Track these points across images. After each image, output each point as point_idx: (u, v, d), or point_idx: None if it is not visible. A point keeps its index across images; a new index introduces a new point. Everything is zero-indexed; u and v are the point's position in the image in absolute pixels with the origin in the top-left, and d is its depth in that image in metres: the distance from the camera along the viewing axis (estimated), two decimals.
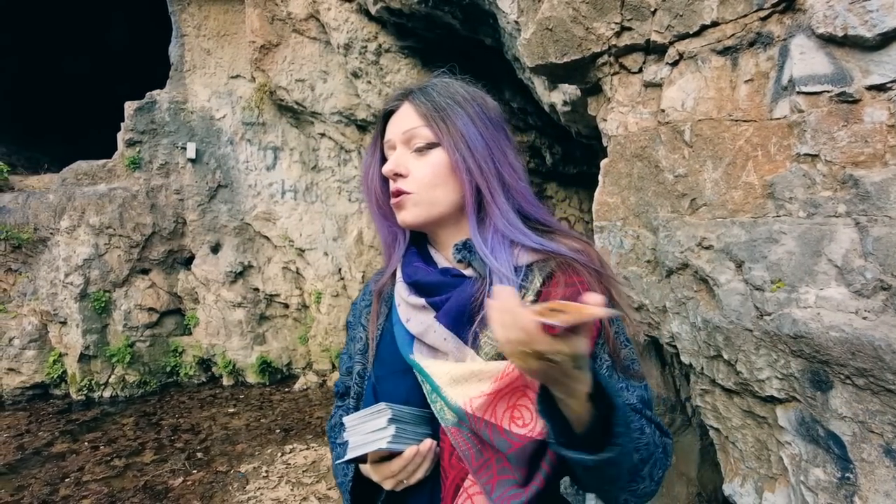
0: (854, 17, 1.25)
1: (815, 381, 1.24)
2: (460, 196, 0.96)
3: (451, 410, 0.86)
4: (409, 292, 0.97)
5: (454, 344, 0.90)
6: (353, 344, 1.11)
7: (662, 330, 1.69)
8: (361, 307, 1.12)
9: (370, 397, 0.99)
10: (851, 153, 1.26)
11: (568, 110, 3.70)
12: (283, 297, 7.01)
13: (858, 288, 1.18)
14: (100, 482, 4.44)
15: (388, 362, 1.00)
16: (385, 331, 1.03)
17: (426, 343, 0.93)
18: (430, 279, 0.97)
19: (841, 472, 1.21)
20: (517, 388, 0.83)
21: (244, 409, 6.02)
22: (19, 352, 6.22)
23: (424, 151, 0.96)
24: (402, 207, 0.97)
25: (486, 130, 0.97)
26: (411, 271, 0.99)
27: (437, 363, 0.90)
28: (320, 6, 5.81)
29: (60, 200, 6.32)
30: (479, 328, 0.89)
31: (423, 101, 0.97)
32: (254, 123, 6.79)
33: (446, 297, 0.93)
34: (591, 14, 1.78)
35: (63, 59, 10.15)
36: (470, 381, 0.85)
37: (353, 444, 0.86)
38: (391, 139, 0.99)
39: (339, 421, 1.15)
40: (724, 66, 1.54)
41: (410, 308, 0.96)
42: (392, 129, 0.99)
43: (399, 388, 0.95)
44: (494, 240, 0.93)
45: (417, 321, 0.94)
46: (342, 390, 1.19)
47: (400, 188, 0.96)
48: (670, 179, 1.62)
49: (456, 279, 0.96)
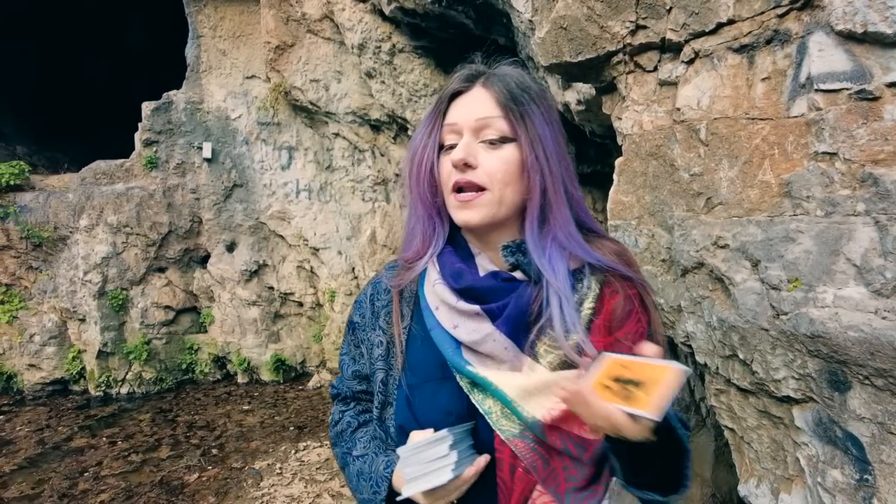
0: (874, 14, 1.23)
1: (833, 381, 1.23)
2: (523, 198, 0.90)
3: (526, 423, 0.83)
4: (456, 298, 0.90)
5: (514, 353, 0.86)
6: (366, 347, 1.03)
7: (677, 329, 1.68)
8: (378, 307, 1.02)
9: (403, 408, 0.93)
10: (871, 151, 1.24)
11: (582, 109, 3.68)
12: (297, 295, 7.07)
13: (878, 287, 1.17)
14: (117, 477, 4.51)
15: (420, 370, 0.93)
16: (413, 335, 0.96)
17: (479, 352, 0.87)
18: (484, 284, 0.90)
19: (859, 474, 1.20)
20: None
21: (258, 406, 6.08)
22: (40, 348, 6.34)
23: (497, 145, 0.88)
24: (472, 205, 0.88)
25: (556, 133, 0.92)
26: (455, 273, 0.92)
27: (503, 375, 0.85)
28: (334, 7, 5.84)
29: (80, 199, 6.42)
30: (537, 336, 0.86)
31: (501, 88, 0.88)
32: (269, 123, 6.85)
33: (503, 303, 0.88)
34: (606, 12, 1.78)
35: (82, 62, 10.31)
36: (543, 393, 0.82)
37: (413, 474, 0.82)
38: (458, 123, 0.90)
39: (348, 427, 1.09)
40: (740, 64, 1.53)
41: (458, 314, 0.89)
42: (460, 112, 0.90)
43: (439, 397, 0.90)
44: (553, 249, 0.88)
45: (469, 328, 0.88)
46: (347, 394, 1.12)
47: (470, 180, 0.88)
48: (685, 178, 1.61)
49: (508, 283, 0.90)
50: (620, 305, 0.89)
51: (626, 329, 0.88)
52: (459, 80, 0.92)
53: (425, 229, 0.96)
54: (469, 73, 0.92)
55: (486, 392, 0.86)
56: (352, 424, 1.09)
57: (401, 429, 0.92)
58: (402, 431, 0.92)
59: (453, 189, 0.90)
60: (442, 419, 0.87)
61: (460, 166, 0.87)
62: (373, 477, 0.95)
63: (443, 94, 0.93)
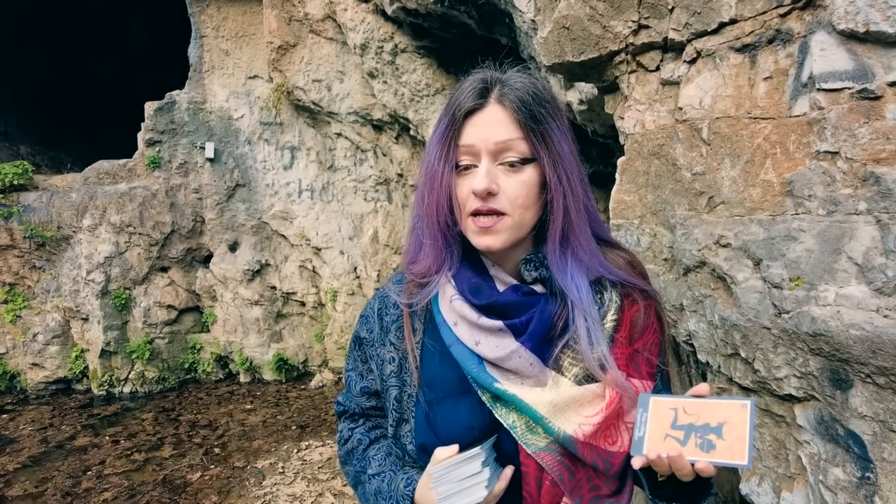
0: (876, 13, 1.24)
1: (835, 379, 1.23)
2: (540, 217, 0.89)
3: (556, 438, 0.83)
4: (478, 314, 0.88)
5: (538, 368, 0.86)
6: (375, 363, 1.01)
7: (679, 328, 1.68)
8: (388, 322, 0.99)
9: (423, 424, 0.91)
10: (873, 150, 1.25)
11: (584, 109, 3.68)
12: (299, 295, 7.08)
13: (879, 286, 1.17)
14: (120, 475, 4.53)
15: (438, 385, 0.91)
16: (427, 350, 0.94)
17: (503, 367, 0.86)
18: (506, 300, 0.88)
19: (861, 472, 1.20)
20: (618, 412, 0.85)
21: (261, 405, 6.09)
22: (43, 347, 6.36)
23: (518, 167, 0.85)
24: (492, 231, 0.85)
25: (572, 146, 0.89)
26: (474, 289, 0.89)
27: (531, 391, 0.85)
28: (337, 7, 5.85)
29: (83, 199, 6.44)
30: (562, 350, 0.86)
31: (519, 106, 0.84)
32: (271, 123, 6.87)
33: (526, 318, 0.86)
34: (609, 12, 1.78)
35: (86, 62, 10.34)
36: (571, 408, 0.83)
37: (446, 493, 0.81)
38: (475, 145, 0.85)
39: (359, 445, 1.07)
40: (742, 63, 1.53)
41: (480, 330, 0.88)
42: (477, 133, 0.85)
43: (460, 412, 0.89)
44: (574, 267, 0.88)
45: (492, 345, 0.86)
46: (355, 411, 1.10)
47: (492, 207, 0.84)
48: (688, 177, 1.61)
49: (529, 297, 0.89)
50: (639, 317, 0.91)
51: (645, 340, 0.91)
52: (472, 97, 0.86)
53: (440, 251, 0.91)
54: (481, 87, 0.86)
55: (510, 406, 0.85)
56: (363, 442, 1.07)
57: (422, 447, 0.91)
58: (422, 450, 0.90)
59: (471, 213, 0.86)
60: (464, 434, 0.87)
61: (482, 195, 0.84)
62: (393, 496, 0.93)
63: (456, 112, 0.86)
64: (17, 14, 8.63)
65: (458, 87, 0.89)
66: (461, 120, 0.86)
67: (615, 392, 0.83)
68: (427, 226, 0.91)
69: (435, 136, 0.89)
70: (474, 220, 0.86)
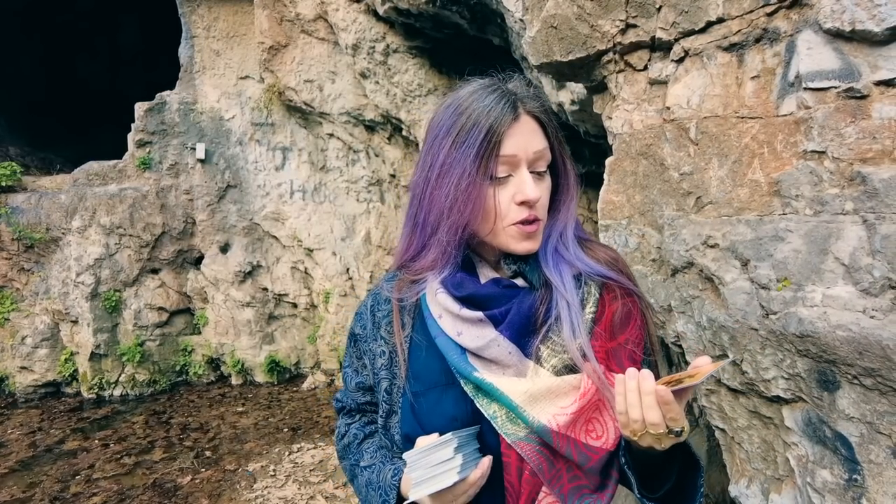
0: (862, 12, 1.23)
1: (822, 381, 1.22)
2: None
3: (532, 428, 0.84)
4: (459, 306, 0.91)
5: (517, 357, 0.88)
6: (368, 357, 1.05)
7: (668, 329, 1.67)
8: (379, 318, 1.04)
9: (408, 415, 0.94)
10: (859, 150, 1.24)
11: (576, 109, 3.68)
12: (291, 296, 7.05)
13: (866, 286, 1.16)
14: (110, 479, 4.48)
15: (424, 377, 0.95)
16: (415, 344, 0.98)
17: (483, 357, 0.89)
18: (485, 292, 0.92)
19: (848, 474, 1.19)
20: (595, 403, 0.86)
21: (253, 408, 6.05)
22: (32, 350, 6.30)
23: (544, 175, 0.92)
24: (535, 236, 0.91)
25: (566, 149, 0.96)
26: (456, 282, 0.93)
27: (508, 381, 0.87)
28: (328, 7, 5.83)
29: (72, 201, 6.39)
30: (541, 341, 0.88)
31: (545, 118, 0.90)
32: (263, 124, 6.83)
33: (505, 309, 0.90)
34: (596, 11, 1.77)
35: (76, 62, 10.26)
36: (548, 398, 0.85)
37: (419, 478, 0.82)
38: (517, 155, 0.87)
39: (354, 440, 1.10)
40: (730, 62, 1.52)
41: (462, 321, 0.91)
42: (517, 144, 0.87)
43: (444, 403, 0.91)
44: (560, 260, 0.93)
45: (473, 335, 0.89)
46: (352, 406, 1.13)
47: (536, 216, 0.90)
48: (676, 177, 1.60)
49: (509, 290, 0.92)
50: (620, 311, 0.92)
51: (627, 335, 0.92)
52: (510, 110, 0.87)
53: (445, 253, 0.93)
54: (511, 100, 0.88)
55: (491, 397, 0.87)
56: (358, 437, 1.10)
57: (406, 437, 0.94)
58: (407, 440, 0.93)
59: (519, 222, 0.89)
60: (447, 425, 0.88)
61: (533, 204, 0.88)
62: (381, 486, 0.96)
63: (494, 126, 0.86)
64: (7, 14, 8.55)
65: (475, 99, 0.89)
66: (503, 133, 0.86)
67: (592, 383, 0.85)
68: (449, 232, 0.90)
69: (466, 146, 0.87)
70: (521, 227, 0.89)
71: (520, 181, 0.88)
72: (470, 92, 0.91)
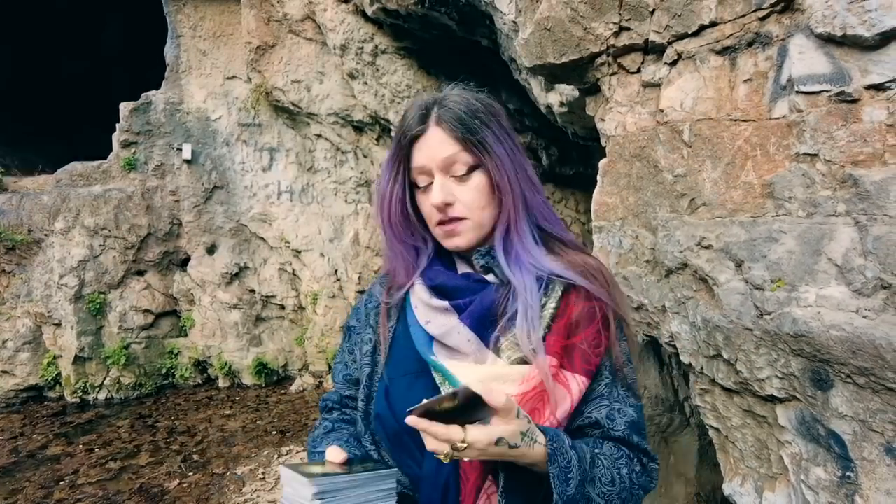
0: (853, 17, 1.25)
1: (816, 380, 1.24)
2: (497, 213, 0.99)
3: None
4: (430, 295, 0.99)
5: (476, 346, 0.93)
6: (358, 347, 1.11)
7: (662, 330, 1.68)
8: (370, 309, 1.11)
9: (382, 400, 1.00)
10: (851, 152, 1.26)
11: (565, 111, 3.70)
12: (279, 298, 7.00)
13: (859, 287, 1.18)
14: (95, 485, 4.41)
15: (401, 364, 1.01)
16: (397, 333, 1.05)
17: (446, 345, 0.95)
18: (453, 283, 0.99)
19: (842, 471, 1.21)
20: (539, 394, 0.89)
21: (240, 410, 6.00)
22: (13, 354, 6.18)
23: (466, 177, 0.96)
24: (456, 234, 0.98)
25: (510, 147, 0.98)
26: (433, 275, 1.01)
27: (460, 365, 0.92)
28: (316, 7, 5.80)
29: (55, 202, 6.28)
30: (501, 333, 0.92)
31: (455, 124, 0.95)
32: (250, 124, 6.78)
33: (469, 300, 0.96)
34: (590, 14, 1.78)
35: (59, 61, 10.11)
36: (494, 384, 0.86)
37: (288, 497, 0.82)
38: (426, 165, 0.97)
39: (323, 431, 1.11)
40: (722, 65, 1.54)
41: (431, 310, 0.98)
42: (424, 155, 0.97)
43: (415, 389, 0.95)
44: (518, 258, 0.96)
45: (438, 323, 0.96)
46: (334, 400, 1.16)
47: (452, 216, 0.97)
48: (669, 179, 1.62)
49: (478, 284, 0.98)
50: (581, 311, 0.95)
51: (584, 335, 0.94)
52: (415, 123, 0.97)
53: (407, 261, 1.04)
54: (420, 114, 0.97)
55: (451, 383, 0.91)
56: (327, 428, 1.11)
57: (377, 417, 1.00)
58: (378, 419, 1.00)
59: (437, 223, 0.99)
60: None
61: (441, 207, 0.96)
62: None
63: (401, 139, 0.99)
64: None
65: (403, 116, 1.01)
66: (408, 146, 0.98)
67: (538, 373, 0.88)
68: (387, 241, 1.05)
69: (385, 163, 1.03)
70: (440, 227, 0.99)
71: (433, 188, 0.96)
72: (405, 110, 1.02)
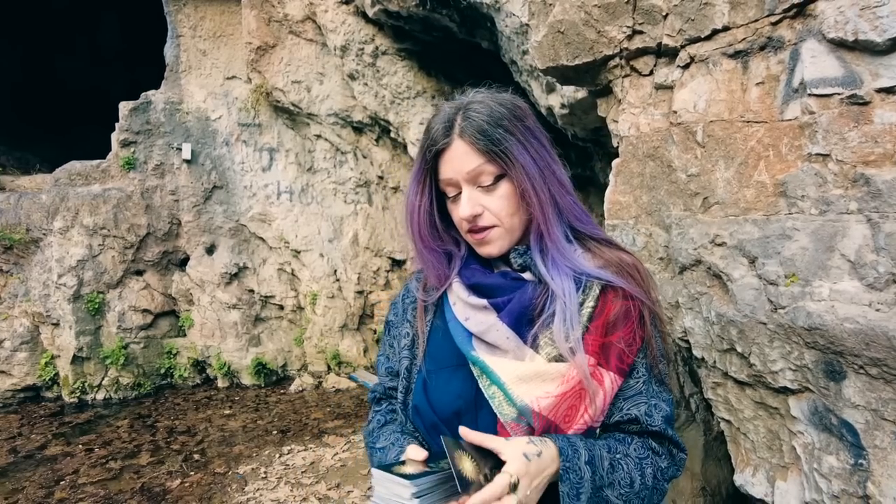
0: (865, 23, 1.30)
1: (829, 371, 1.28)
2: (528, 217, 1.01)
3: (514, 407, 0.91)
4: (468, 293, 1.02)
5: (515, 343, 0.95)
6: (396, 341, 1.14)
7: (675, 325, 1.73)
8: (407, 303, 1.15)
9: (420, 392, 1.03)
10: (862, 153, 1.31)
11: (566, 113, 3.74)
12: (278, 298, 7.00)
13: (871, 281, 1.23)
14: (96, 485, 4.41)
15: (438, 358, 1.04)
16: (435, 328, 1.08)
17: (486, 341, 0.97)
18: (490, 281, 1.02)
19: (854, 459, 1.26)
20: (577, 392, 0.92)
21: (240, 410, 6.00)
22: (10, 354, 6.15)
23: (493, 186, 0.98)
24: (489, 242, 1.00)
25: (536, 152, 0.99)
26: (470, 274, 1.04)
27: (501, 361, 0.94)
28: (317, 8, 5.83)
29: (53, 201, 6.26)
30: (539, 330, 0.95)
31: (478, 137, 0.95)
32: (250, 125, 6.79)
33: (508, 298, 0.98)
34: (604, 18, 1.83)
35: (57, 60, 10.05)
36: (535, 381, 0.91)
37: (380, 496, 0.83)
38: (453, 178, 0.99)
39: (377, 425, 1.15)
40: (735, 69, 1.59)
41: (470, 308, 1.00)
42: (451, 168, 0.98)
43: (452, 383, 0.99)
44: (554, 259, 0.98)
45: (477, 320, 0.98)
46: (380, 392, 1.20)
47: (481, 225, 0.99)
48: (683, 178, 1.67)
49: (515, 282, 1.01)
50: (619, 310, 0.97)
51: (621, 334, 0.96)
52: (439, 137, 0.98)
53: (437, 269, 1.07)
54: (444, 126, 0.98)
55: (491, 378, 0.94)
56: (381, 422, 1.16)
57: (415, 408, 1.04)
58: (416, 411, 1.04)
59: (467, 232, 1.01)
60: (452, 401, 0.98)
61: (471, 219, 0.98)
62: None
63: (426, 153, 1.01)
64: None
65: (427, 127, 1.02)
66: (433, 159, 1.01)
67: (577, 373, 0.91)
68: (417, 252, 1.08)
69: (412, 173, 1.05)
70: (471, 235, 1.01)
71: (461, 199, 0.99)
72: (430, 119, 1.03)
